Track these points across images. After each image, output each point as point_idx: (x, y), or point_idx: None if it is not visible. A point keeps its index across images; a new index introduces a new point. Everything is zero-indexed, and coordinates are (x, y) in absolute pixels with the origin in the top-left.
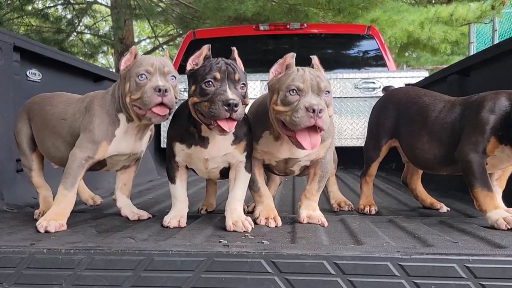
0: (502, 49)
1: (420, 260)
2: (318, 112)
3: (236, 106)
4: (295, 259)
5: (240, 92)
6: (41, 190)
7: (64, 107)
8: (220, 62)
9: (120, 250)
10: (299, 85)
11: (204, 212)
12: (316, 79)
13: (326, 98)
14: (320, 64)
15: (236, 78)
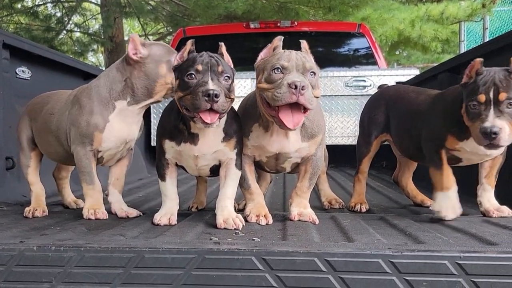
0: (492, 47)
1: (411, 257)
2: (301, 88)
3: (216, 97)
4: (286, 256)
5: (224, 85)
6: (34, 187)
7: (54, 103)
8: (204, 55)
9: (111, 248)
10: (284, 64)
11: (195, 210)
12: (302, 59)
13: (311, 78)
14: (316, 65)
15: (220, 70)
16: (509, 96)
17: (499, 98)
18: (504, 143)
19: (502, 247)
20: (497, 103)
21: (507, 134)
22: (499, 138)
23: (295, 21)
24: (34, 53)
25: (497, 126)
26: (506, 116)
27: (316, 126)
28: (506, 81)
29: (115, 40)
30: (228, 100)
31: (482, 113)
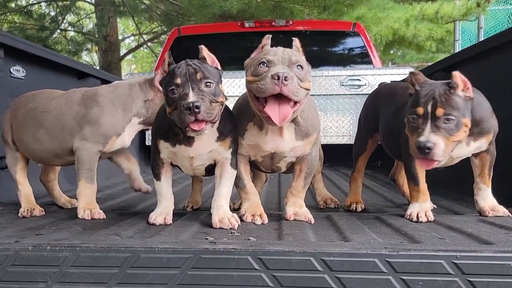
0: (488, 46)
1: (407, 257)
2: (283, 79)
3: (198, 108)
4: (282, 255)
5: (206, 91)
6: (23, 187)
7: (47, 101)
8: (182, 65)
9: (106, 247)
10: (269, 58)
11: (190, 210)
12: (288, 54)
13: (298, 71)
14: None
15: (199, 77)
16: (446, 112)
17: (436, 113)
18: (438, 158)
19: (498, 247)
20: (434, 117)
21: (441, 149)
22: (433, 153)
23: (290, 20)
24: (28, 52)
25: (431, 142)
26: (442, 131)
27: (310, 125)
28: (445, 96)
29: (109, 39)
30: (215, 105)
31: (419, 127)
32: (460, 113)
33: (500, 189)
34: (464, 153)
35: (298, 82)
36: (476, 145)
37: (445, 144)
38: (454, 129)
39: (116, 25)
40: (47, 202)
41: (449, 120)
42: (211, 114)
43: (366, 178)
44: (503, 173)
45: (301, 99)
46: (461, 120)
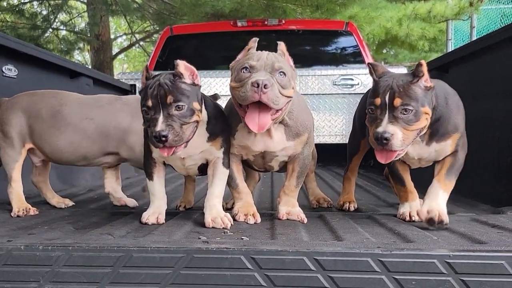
0: (481, 46)
1: (400, 256)
2: (263, 86)
3: (164, 137)
4: (275, 255)
5: (177, 115)
6: (17, 185)
7: (83, 107)
8: (154, 85)
9: (99, 247)
10: (252, 63)
11: (183, 209)
12: (272, 59)
13: (281, 78)
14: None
15: (168, 101)
16: (404, 102)
17: (394, 103)
18: (396, 148)
19: (491, 246)
20: (392, 108)
21: (400, 140)
22: (391, 144)
23: (282, 20)
24: (20, 51)
25: (389, 132)
26: (400, 122)
27: (300, 125)
28: (404, 86)
29: (101, 39)
30: (187, 126)
31: (378, 118)
32: (419, 103)
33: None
34: (426, 153)
35: (280, 89)
36: (438, 147)
37: (404, 134)
38: (412, 119)
39: (108, 24)
40: (39, 202)
41: (407, 111)
42: (180, 139)
43: (358, 178)
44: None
45: (281, 107)
46: (419, 110)
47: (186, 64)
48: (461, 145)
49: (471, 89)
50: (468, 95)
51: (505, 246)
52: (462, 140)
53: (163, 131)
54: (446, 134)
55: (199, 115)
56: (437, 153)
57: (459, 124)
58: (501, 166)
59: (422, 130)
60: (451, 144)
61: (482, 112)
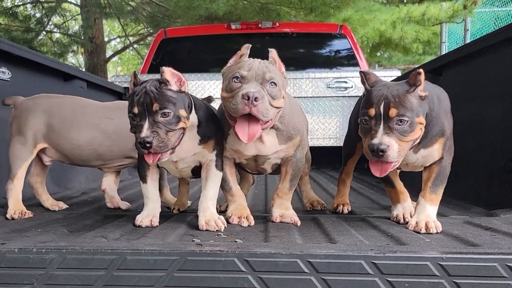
0: (474, 49)
1: (393, 258)
2: (253, 99)
3: (149, 143)
4: (269, 257)
5: (163, 121)
6: (18, 182)
7: (107, 110)
8: (140, 93)
9: (92, 249)
10: (243, 73)
11: (176, 212)
12: (263, 69)
13: (271, 89)
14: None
15: (154, 108)
16: (399, 113)
17: (389, 113)
18: (392, 160)
19: (484, 248)
20: (387, 118)
21: (395, 151)
22: (387, 155)
23: (276, 22)
24: (14, 53)
25: (385, 144)
26: (395, 133)
27: (292, 129)
28: (399, 96)
29: (95, 41)
30: (173, 133)
31: (372, 129)
32: (414, 113)
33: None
34: (413, 160)
35: (270, 100)
36: (425, 153)
37: (399, 145)
38: (407, 130)
39: (102, 27)
40: (32, 204)
41: (402, 122)
42: (165, 146)
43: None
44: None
45: (271, 119)
46: (414, 120)
47: (173, 71)
48: (447, 149)
49: (464, 92)
50: (462, 98)
51: (498, 248)
52: (448, 143)
53: (148, 138)
54: (433, 139)
55: (185, 122)
56: (424, 159)
57: (445, 128)
58: (495, 169)
59: (416, 141)
60: (437, 149)
61: (475, 114)
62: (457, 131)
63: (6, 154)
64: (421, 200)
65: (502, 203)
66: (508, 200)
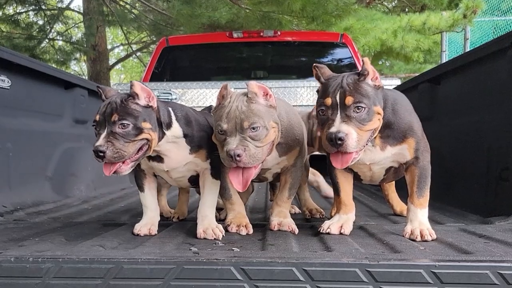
0: (472, 58)
1: (387, 266)
2: (236, 156)
3: (102, 152)
4: (265, 266)
5: (120, 133)
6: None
7: None
8: (105, 103)
9: (89, 258)
10: (223, 127)
11: (176, 220)
12: (240, 117)
13: (254, 134)
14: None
15: (113, 119)
16: (356, 100)
17: (345, 102)
18: (352, 150)
19: (477, 256)
20: (344, 107)
21: (355, 140)
22: (346, 145)
23: (278, 31)
24: (14, 62)
25: (343, 132)
26: (353, 121)
27: (291, 141)
28: (354, 84)
29: (98, 49)
30: (130, 145)
31: (329, 118)
32: (371, 101)
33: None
34: (380, 158)
35: (256, 144)
36: (394, 151)
37: (358, 134)
38: (366, 118)
39: (104, 35)
40: (32, 213)
41: (359, 109)
42: (121, 156)
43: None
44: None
45: (262, 159)
46: (372, 108)
47: (143, 86)
48: (421, 150)
49: (461, 101)
50: (459, 106)
51: (490, 256)
52: (422, 144)
53: (101, 147)
54: (400, 139)
55: (150, 134)
56: (395, 157)
57: (412, 128)
58: (491, 177)
59: (375, 132)
60: (408, 148)
61: (472, 123)
62: (454, 139)
63: (6, 163)
64: (410, 206)
65: (497, 211)
66: (504, 207)
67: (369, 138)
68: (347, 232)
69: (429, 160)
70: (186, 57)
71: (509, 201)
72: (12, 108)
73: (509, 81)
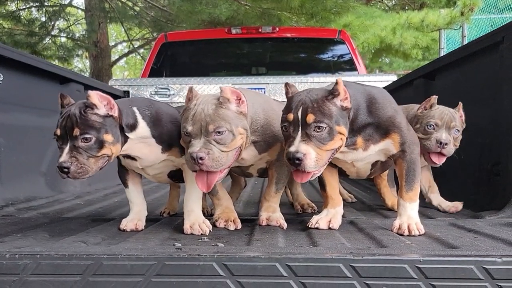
0: (465, 53)
1: (371, 261)
2: (198, 159)
3: (67, 168)
4: (247, 261)
5: (83, 146)
6: None
7: None
8: (64, 115)
9: (68, 255)
10: (188, 129)
11: (166, 215)
12: (206, 120)
13: (219, 138)
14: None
15: (75, 134)
16: (317, 119)
17: (306, 119)
18: (309, 169)
19: (462, 251)
20: (305, 125)
21: (313, 160)
22: (304, 164)
23: (276, 27)
24: (5, 56)
25: (301, 152)
26: (314, 140)
27: (270, 138)
28: (318, 102)
29: (100, 45)
30: (93, 160)
31: (291, 135)
32: (333, 121)
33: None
34: (363, 157)
35: (221, 149)
36: (378, 148)
37: (317, 154)
38: (326, 137)
39: (106, 31)
40: (22, 208)
41: (320, 128)
42: (85, 172)
43: (347, 183)
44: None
45: (227, 164)
46: (334, 128)
47: (101, 94)
48: (408, 143)
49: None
50: (453, 102)
51: (476, 250)
52: (408, 138)
53: (65, 163)
54: (383, 135)
55: (110, 149)
56: (380, 152)
57: (394, 123)
58: (483, 172)
59: (337, 151)
60: (393, 143)
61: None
62: None
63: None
64: (400, 200)
65: (489, 206)
66: (495, 202)
67: (331, 156)
68: (336, 226)
69: (417, 153)
70: (185, 53)
71: (500, 196)
72: (4, 103)
73: (501, 76)
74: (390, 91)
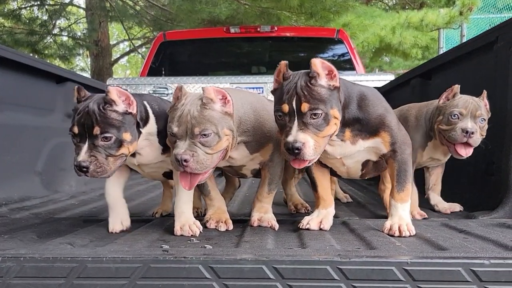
0: (460, 53)
1: (359, 264)
2: (183, 161)
3: (85, 168)
4: (234, 264)
5: (103, 145)
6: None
7: None
8: (82, 112)
9: (52, 257)
10: (174, 129)
11: (159, 216)
12: (191, 122)
13: (204, 140)
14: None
15: (95, 132)
16: (311, 107)
17: (301, 109)
18: (308, 158)
19: (451, 253)
20: (300, 114)
21: (312, 148)
22: (303, 153)
23: (275, 26)
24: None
25: (300, 141)
26: (311, 128)
27: (261, 138)
28: (307, 88)
29: (101, 44)
30: (112, 159)
31: (287, 125)
32: (327, 105)
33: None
34: (351, 152)
35: (206, 151)
36: (366, 145)
37: (316, 142)
38: (323, 124)
39: (107, 30)
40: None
41: (316, 115)
42: (103, 171)
43: (343, 182)
44: None
45: (212, 166)
46: (329, 113)
47: (120, 90)
48: (399, 143)
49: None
50: None
51: (465, 252)
52: (399, 138)
53: (84, 162)
54: (372, 132)
55: (128, 148)
56: (369, 150)
57: (384, 122)
58: (477, 172)
59: (332, 136)
60: (382, 142)
61: None
62: None
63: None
64: (391, 201)
65: (483, 205)
66: (488, 202)
67: (325, 143)
68: (327, 227)
69: (409, 153)
70: (183, 52)
71: (494, 196)
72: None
73: (495, 75)
74: (387, 91)
